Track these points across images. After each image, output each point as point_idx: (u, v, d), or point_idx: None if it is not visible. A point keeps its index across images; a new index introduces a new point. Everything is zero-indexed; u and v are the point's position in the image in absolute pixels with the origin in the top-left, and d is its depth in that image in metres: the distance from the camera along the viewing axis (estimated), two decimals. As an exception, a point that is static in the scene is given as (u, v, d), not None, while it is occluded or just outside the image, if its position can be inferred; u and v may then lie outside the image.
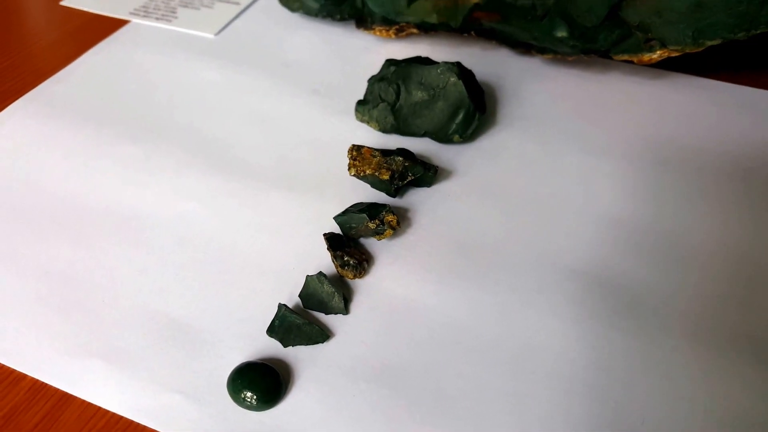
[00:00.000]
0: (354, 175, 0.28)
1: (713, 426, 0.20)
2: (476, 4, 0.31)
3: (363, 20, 0.35)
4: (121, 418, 0.20)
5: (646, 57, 0.30)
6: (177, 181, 0.29)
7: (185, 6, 0.40)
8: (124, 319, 0.23)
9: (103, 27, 0.39)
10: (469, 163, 0.29)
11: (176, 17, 0.39)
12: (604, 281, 0.24)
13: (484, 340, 0.22)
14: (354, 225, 0.26)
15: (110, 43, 0.37)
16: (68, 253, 0.26)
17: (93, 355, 0.22)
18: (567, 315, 0.23)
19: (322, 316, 0.23)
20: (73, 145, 0.30)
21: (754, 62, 0.35)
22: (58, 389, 0.21)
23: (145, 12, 0.39)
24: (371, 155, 0.28)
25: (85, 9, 0.40)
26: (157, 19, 0.39)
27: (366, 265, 0.25)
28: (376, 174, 0.27)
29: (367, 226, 0.25)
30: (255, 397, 0.21)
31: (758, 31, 0.27)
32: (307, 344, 0.22)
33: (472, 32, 0.33)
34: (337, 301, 0.23)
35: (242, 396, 0.21)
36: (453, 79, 0.29)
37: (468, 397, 0.21)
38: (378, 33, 0.35)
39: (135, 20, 0.39)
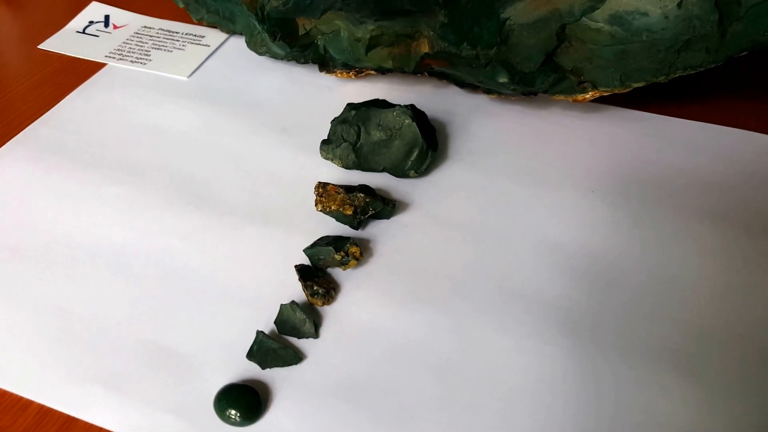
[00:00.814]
0: (321, 211, 0.31)
1: (638, 430, 0.24)
2: (426, 53, 0.34)
3: (325, 64, 0.38)
4: (121, 437, 0.24)
5: (580, 97, 0.34)
6: (160, 218, 0.32)
7: (158, 48, 0.43)
8: (119, 348, 0.26)
9: (81, 70, 0.41)
10: (423, 196, 0.33)
11: (150, 60, 0.42)
12: (544, 302, 0.28)
13: (439, 358, 0.26)
14: (322, 257, 0.29)
15: (89, 87, 0.40)
16: (64, 289, 0.29)
17: (93, 381, 0.25)
18: (512, 333, 0.27)
19: (295, 340, 0.27)
20: (62, 187, 0.33)
21: (678, 95, 0.39)
22: (63, 413, 0.24)
23: (120, 55, 0.42)
24: (336, 192, 0.31)
25: (63, 52, 0.43)
26: (132, 62, 0.42)
27: (333, 293, 0.28)
28: (341, 209, 0.31)
29: (334, 257, 0.29)
30: (239, 414, 0.24)
31: (676, 75, 0.32)
32: (282, 366, 0.26)
33: (425, 73, 0.37)
34: (308, 326, 0.27)
35: (227, 414, 0.24)
36: (407, 121, 0.33)
37: (426, 409, 0.24)
38: (339, 75, 0.39)
39: (111, 63, 0.42)
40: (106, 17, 0.46)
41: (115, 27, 0.45)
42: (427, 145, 0.33)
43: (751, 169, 0.34)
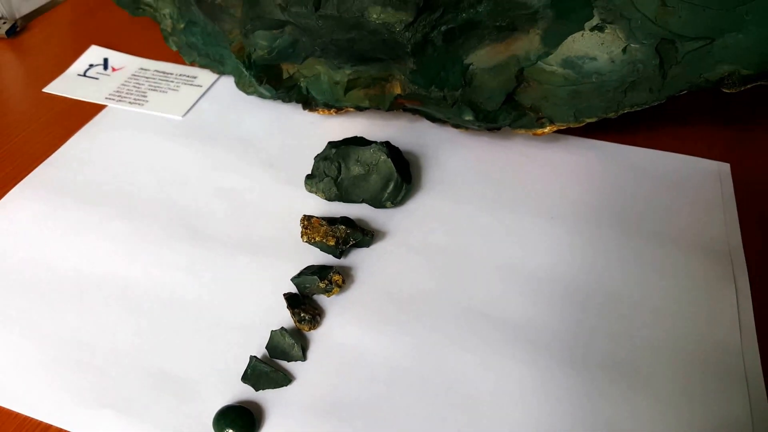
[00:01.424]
0: (306, 242, 0.34)
1: (586, 429, 0.26)
2: (399, 94, 0.37)
3: (308, 103, 0.40)
4: (130, 456, 0.26)
5: (539, 131, 0.36)
6: (160, 251, 0.34)
7: (154, 90, 0.45)
8: (126, 374, 0.29)
9: (84, 112, 0.44)
10: (399, 225, 0.35)
11: (147, 101, 0.44)
12: (507, 321, 0.31)
13: (416, 375, 0.28)
14: (308, 285, 0.32)
15: (92, 127, 0.42)
16: (75, 320, 0.31)
17: (104, 405, 0.27)
18: (480, 351, 0.29)
19: (285, 363, 0.29)
20: (69, 225, 0.35)
21: (631, 123, 0.42)
22: (78, 436, 0.27)
23: (119, 96, 0.45)
24: (319, 224, 0.34)
25: (66, 95, 0.45)
26: (130, 103, 0.44)
27: (319, 319, 0.31)
28: (324, 240, 0.33)
29: (318, 285, 0.31)
30: (235, 432, 0.26)
31: (624, 111, 0.34)
32: (274, 387, 0.28)
33: (400, 109, 0.39)
34: (296, 350, 0.29)
35: (225, 432, 0.26)
36: (383, 157, 0.36)
37: (404, 424, 0.27)
38: (321, 112, 0.41)
39: (111, 104, 0.44)
40: (105, 60, 0.48)
41: (114, 69, 0.47)
42: (401, 178, 0.36)
43: (696, 192, 0.37)
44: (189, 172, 0.39)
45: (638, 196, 0.37)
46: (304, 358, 0.29)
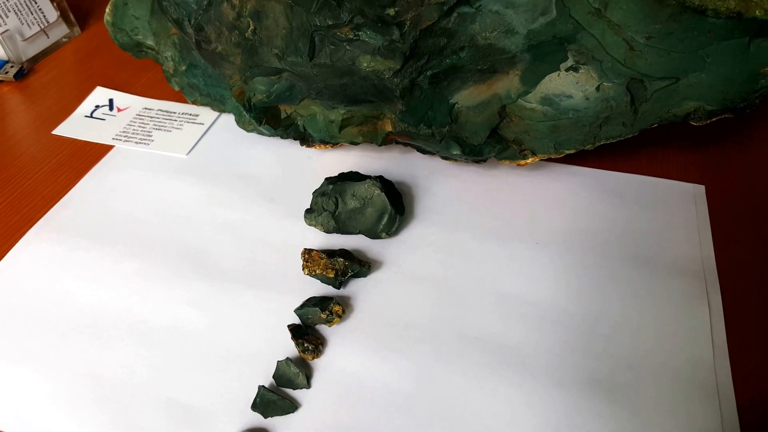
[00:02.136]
0: (307, 274, 0.35)
1: (569, 448, 0.28)
2: (390, 131, 0.39)
3: (305, 140, 0.42)
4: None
5: (523, 162, 0.38)
6: (170, 288, 0.36)
7: (159, 129, 0.47)
8: (142, 405, 0.30)
9: (92, 152, 0.46)
10: (394, 254, 0.37)
11: (152, 140, 0.46)
12: (497, 344, 0.32)
13: (414, 398, 0.30)
14: (310, 316, 0.33)
15: (101, 168, 0.44)
16: (91, 355, 0.33)
17: (124, 438, 0.29)
18: (471, 374, 0.31)
19: (290, 391, 0.31)
20: (83, 264, 0.37)
21: (610, 149, 0.44)
22: (102, 467, 0.28)
23: (125, 137, 0.47)
24: (319, 257, 0.36)
25: (74, 137, 0.47)
26: (136, 143, 0.46)
27: (321, 348, 0.33)
28: (324, 273, 0.35)
29: (320, 316, 0.33)
30: (247, 458, 0.28)
31: (600, 143, 0.36)
32: (281, 414, 0.30)
33: (392, 143, 0.41)
34: (301, 378, 0.31)
35: (238, 459, 0.28)
36: (377, 191, 0.37)
37: (399, 444, 0.29)
38: (318, 147, 0.43)
39: (118, 145, 0.46)
40: (110, 101, 0.50)
41: (119, 110, 0.49)
42: (395, 210, 0.38)
43: (673, 214, 0.39)
44: (194, 208, 0.41)
45: (617, 219, 0.39)
46: (308, 385, 0.31)
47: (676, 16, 0.29)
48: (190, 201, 0.41)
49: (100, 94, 0.51)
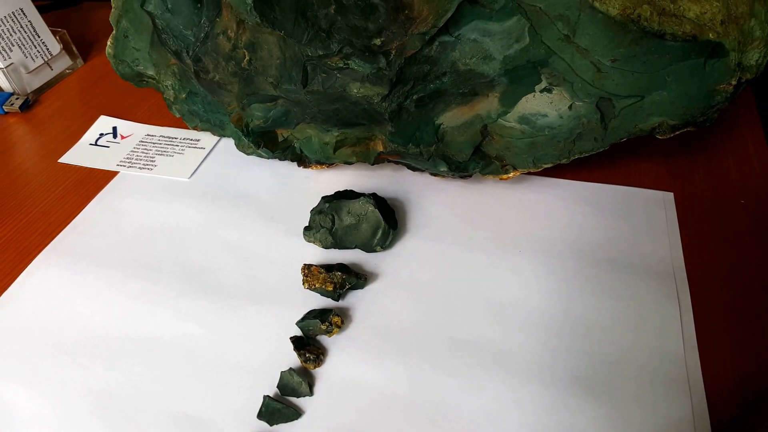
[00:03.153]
0: (307, 288, 0.37)
1: (554, 441, 0.30)
2: (381, 151, 0.41)
3: (302, 161, 0.44)
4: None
5: (505, 176, 0.40)
6: (176, 306, 0.37)
7: (161, 154, 0.49)
8: (156, 420, 0.32)
9: (98, 179, 0.47)
10: (389, 266, 0.39)
11: (155, 165, 0.48)
12: (485, 347, 0.34)
13: (410, 401, 0.32)
14: (311, 328, 0.35)
15: (106, 194, 0.46)
16: (103, 374, 0.34)
17: (142, 447, 0.31)
18: (461, 375, 0.33)
19: (294, 399, 0.32)
20: (93, 287, 0.39)
21: (586, 162, 0.46)
22: (122, 475, 0.30)
23: (129, 163, 0.48)
24: (318, 272, 0.37)
25: (80, 164, 0.49)
26: (140, 168, 0.48)
27: (322, 357, 0.34)
28: (323, 286, 0.37)
29: (320, 327, 0.35)
30: (257, 461, 0.30)
31: (575, 157, 0.38)
32: (286, 422, 0.32)
33: (383, 162, 0.43)
34: (304, 387, 0.33)
35: (248, 462, 0.30)
36: (371, 208, 0.39)
37: (398, 443, 0.30)
38: (314, 167, 0.45)
39: (122, 171, 0.48)
40: (114, 128, 0.52)
41: (123, 137, 0.51)
42: (388, 225, 0.39)
43: (644, 219, 0.41)
44: (198, 229, 0.42)
45: (593, 226, 0.41)
46: (311, 393, 0.33)
47: (637, 40, 0.32)
48: (193, 222, 0.43)
49: (104, 123, 0.53)
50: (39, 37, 0.57)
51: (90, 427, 0.32)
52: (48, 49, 0.58)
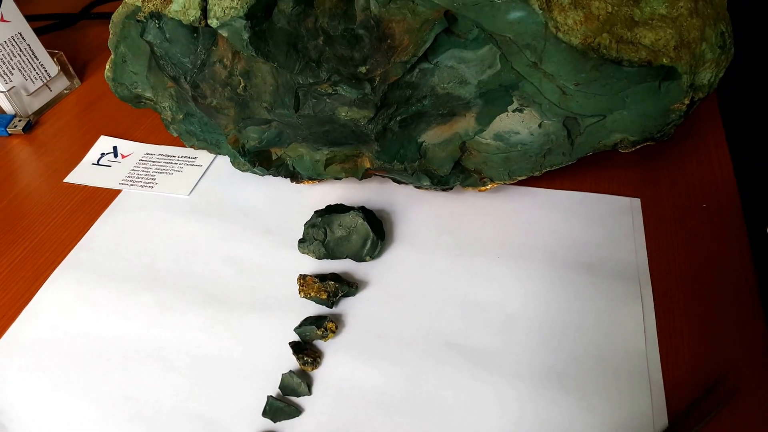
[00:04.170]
0: (303, 297, 0.40)
1: (532, 430, 0.33)
2: (368, 167, 0.44)
3: (295, 176, 0.47)
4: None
5: (483, 188, 0.44)
6: (184, 316, 0.40)
7: (161, 172, 0.52)
8: (170, 420, 0.35)
9: (103, 197, 0.50)
10: (378, 275, 0.42)
11: (156, 183, 0.51)
12: (468, 348, 0.38)
13: (401, 399, 0.35)
14: (308, 333, 0.38)
15: (111, 212, 0.49)
16: (120, 380, 0.37)
17: (158, 447, 0.34)
18: (448, 374, 0.36)
19: (294, 398, 0.36)
20: (106, 300, 0.42)
21: (560, 171, 0.49)
22: (141, 472, 0.33)
23: (131, 181, 0.51)
24: (313, 282, 0.41)
25: (85, 184, 0.51)
26: (141, 186, 0.51)
27: (319, 360, 0.38)
28: (318, 295, 0.40)
29: (316, 333, 0.38)
30: (263, 456, 0.33)
31: (546, 170, 0.42)
32: (288, 419, 0.35)
33: (371, 176, 0.47)
34: (303, 387, 0.36)
35: (255, 457, 0.33)
36: (360, 221, 0.43)
37: (390, 436, 0.34)
38: (306, 183, 0.48)
39: (125, 189, 0.51)
40: (114, 148, 0.55)
41: (123, 156, 0.54)
42: (376, 236, 0.43)
43: (612, 225, 0.44)
44: (199, 243, 0.45)
45: (565, 232, 0.44)
46: (310, 393, 0.36)
47: (597, 66, 0.35)
48: (195, 237, 0.46)
49: (104, 143, 0.55)
50: (37, 59, 0.60)
51: (117, 429, 0.35)
52: (46, 71, 0.61)
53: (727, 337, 0.37)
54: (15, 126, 0.57)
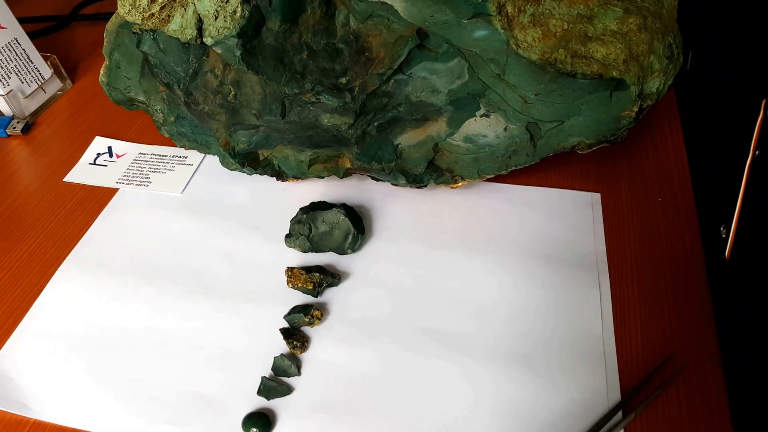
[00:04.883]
0: (291, 287, 0.44)
1: (500, 406, 0.38)
2: (349, 167, 0.48)
3: (280, 175, 0.51)
4: (188, 455, 0.36)
5: (455, 185, 0.48)
6: (183, 307, 0.44)
7: (154, 171, 0.55)
8: (175, 399, 0.39)
9: (101, 196, 0.54)
10: (359, 266, 0.46)
11: (150, 182, 0.54)
12: (441, 332, 0.42)
13: (381, 378, 0.39)
14: (296, 321, 0.43)
15: (110, 210, 0.52)
16: (127, 364, 0.41)
17: (164, 422, 0.38)
18: (422, 355, 0.40)
19: (286, 378, 0.40)
20: (109, 293, 0.45)
21: (526, 168, 0.53)
22: (149, 446, 0.37)
23: (127, 180, 0.55)
24: (300, 274, 0.45)
25: (83, 183, 0.55)
26: (137, 185, 0.54)
27: (306, 344, 0.42)
28: (304, 285, 0.44)
29: (304, 320, 0.42)
30: (257, 430, 0.37)
31: (511, 169, 0.46)
32: (280, 396, 0.39)
33: (351, 175, 0.51)
34: (293, 368, 0.40)
35: (251, 430, 0.37)
36: (342, 217, 0.47)
37: (376, 414, 0.38)
38: (291, 181, 0.52)
39: (121, 188, 0.54)
40: (109, 148, 0.58)
41: (118, 156, 0.57)
42: (357, 231, 0.47)
43: (574, 218, 0.49)
44: (194, 238, 0.49)
45: (531, 225, 0.48)
46: (299, 373, 0.40)
47: (554, 78, 0.39)
48: (189, 233, 0.50)
49: (99, 143, 0.59)
50: (32, 63, 0.63)
51: (126, 408, 0.39)
52: (41, 73, 0.64)
53: (676, 321, 0.42)
54: (14, 127, 0.60)
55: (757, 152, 0.38)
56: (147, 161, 0.56)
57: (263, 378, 0.39)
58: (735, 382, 0.38)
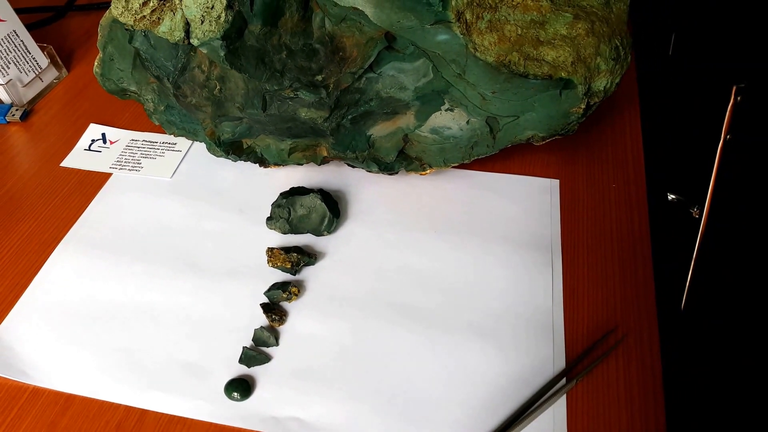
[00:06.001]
0: (271, 266, 0.48)
1: (458, 372, 0.42)
2: (326, 155, 0.52)
3: (263, 162, 0.55)
4: (175, 415, 0.41)
5: (424, 172, 0.52)
6: (171, 283, 0.48)
7: (145, 157, 0.59)
8: (163, 367, 0.43)
9: (95, 180, 0.57)
10: (335, 246, 0.50)
11: (142, 167, 0.58)
12: (407, 307, 0.46)
13: (353, 349, 0.44)
14: (275, 296, 0.47)
15: (105, 193, 0.56)
16: (121, 335, 0.45)
17: (153, 388, 0.42)
18: (389, 328, 0.44)
19: (265, 349, 0.44)
20: (104, 270, 0.49)
21: (491, 156, 0.57)
22: (140, 408, 0.41)
23: (120, 165, 0.58)
24: (279, 253, 0.49)
25: (79, 168, 0.58)
26: (129, 170, 0.58)
27: (284, 318, 0.46)
28: (283, 264, 0.48)
29: (282, 296, 0.46)
30: (238, 394, 0.41)
31: (474, 158, 0.50)
32: (260, 365, 0.43)
33: (328, 162, 0.54)
34: (272, 340, 0.44)
35: (232, 395, 0.41)
36: (318, 201, 0.50)
37: (348, 381, 0.42)
38: (272, 167, 0.56)
39: (115, 172, 0.58)
40: (103, 135, 0.62)
41: (111, 142, 0.61)
42: (332, 215, 0.51)
43: (534, 203, 0.53)
44: (182, 220, 0.53)
45: (493, 209, 0.52)
46: (277, 344, 0.44)
47: (509, 79, 0.43)
48: (177, 215, 0.54)
49: (94, 130, 0.62)
50: (30, 53, 0.66)
51: (119, 375, 0.43)
52: (38, 63, 0.67)
53: (619, 297, 0.46)
54: (13, 115, 0.63)
55: (728, 137, 0.40)
56: (139, 147, 0.60)
57: (244, 348, 0.43)
58: (668, 351, 0.43)
